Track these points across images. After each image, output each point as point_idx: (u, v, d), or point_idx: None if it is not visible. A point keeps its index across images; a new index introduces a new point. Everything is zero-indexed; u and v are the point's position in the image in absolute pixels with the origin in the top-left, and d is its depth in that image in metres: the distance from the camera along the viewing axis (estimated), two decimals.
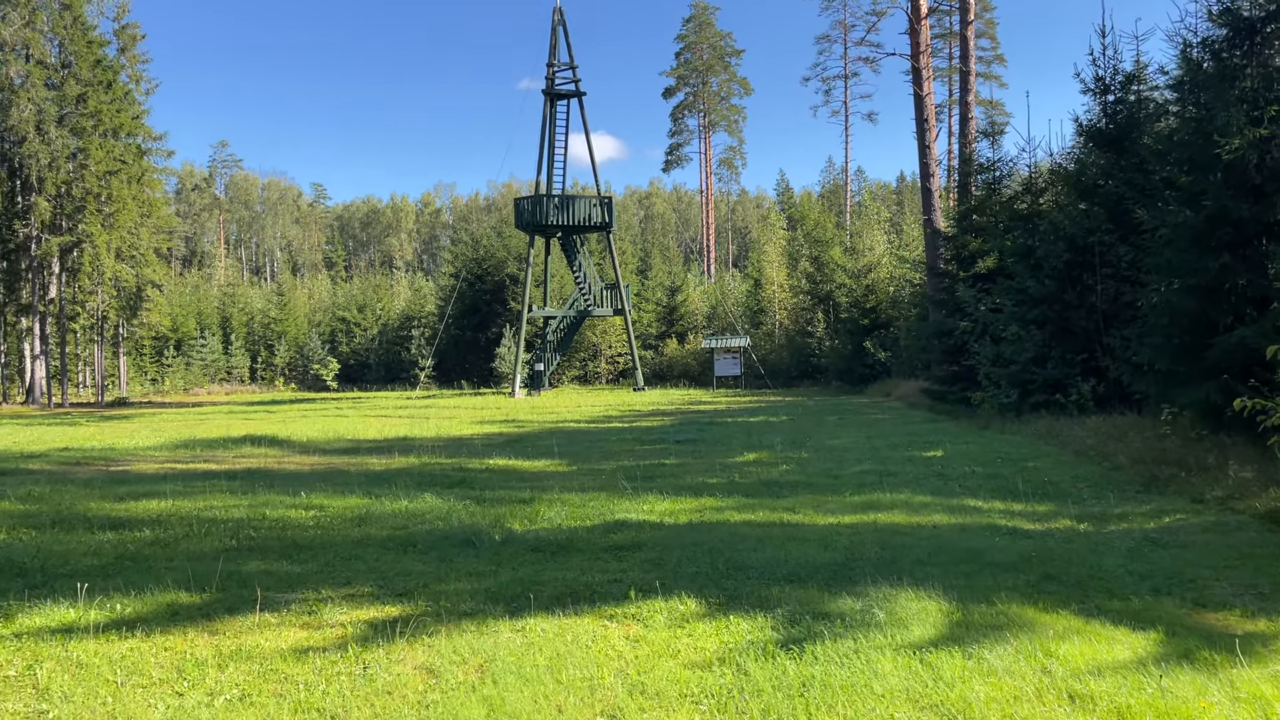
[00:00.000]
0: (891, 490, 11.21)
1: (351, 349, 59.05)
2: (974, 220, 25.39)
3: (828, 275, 45.55)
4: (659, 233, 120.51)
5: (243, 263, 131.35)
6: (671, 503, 10.66)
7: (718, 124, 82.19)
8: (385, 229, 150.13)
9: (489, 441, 19.89)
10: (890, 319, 37.66)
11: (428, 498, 10.83)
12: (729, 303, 54.43)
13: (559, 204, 42.51)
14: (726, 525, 9.05)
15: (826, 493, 11.30)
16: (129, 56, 51.13)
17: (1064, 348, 19.73)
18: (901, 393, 30.03)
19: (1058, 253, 19.79)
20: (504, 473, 14.14)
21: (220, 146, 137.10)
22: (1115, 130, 20.16)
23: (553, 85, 43.71)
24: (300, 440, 20.44)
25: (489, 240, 56.80)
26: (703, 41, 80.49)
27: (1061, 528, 8.84)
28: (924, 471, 13.05)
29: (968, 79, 28.85)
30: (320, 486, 12.38)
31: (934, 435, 18.38)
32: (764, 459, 15.13)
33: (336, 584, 7.03)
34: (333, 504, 10.73)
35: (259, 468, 15.38)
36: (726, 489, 11.80)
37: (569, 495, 11.34)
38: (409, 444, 19.26)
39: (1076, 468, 13.08)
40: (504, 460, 15.73)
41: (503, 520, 9.48)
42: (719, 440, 18.46)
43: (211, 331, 59.40)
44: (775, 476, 12.95)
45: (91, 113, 42.09)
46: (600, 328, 52.60)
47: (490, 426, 23.98)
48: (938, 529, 8.68)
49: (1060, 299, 19.85)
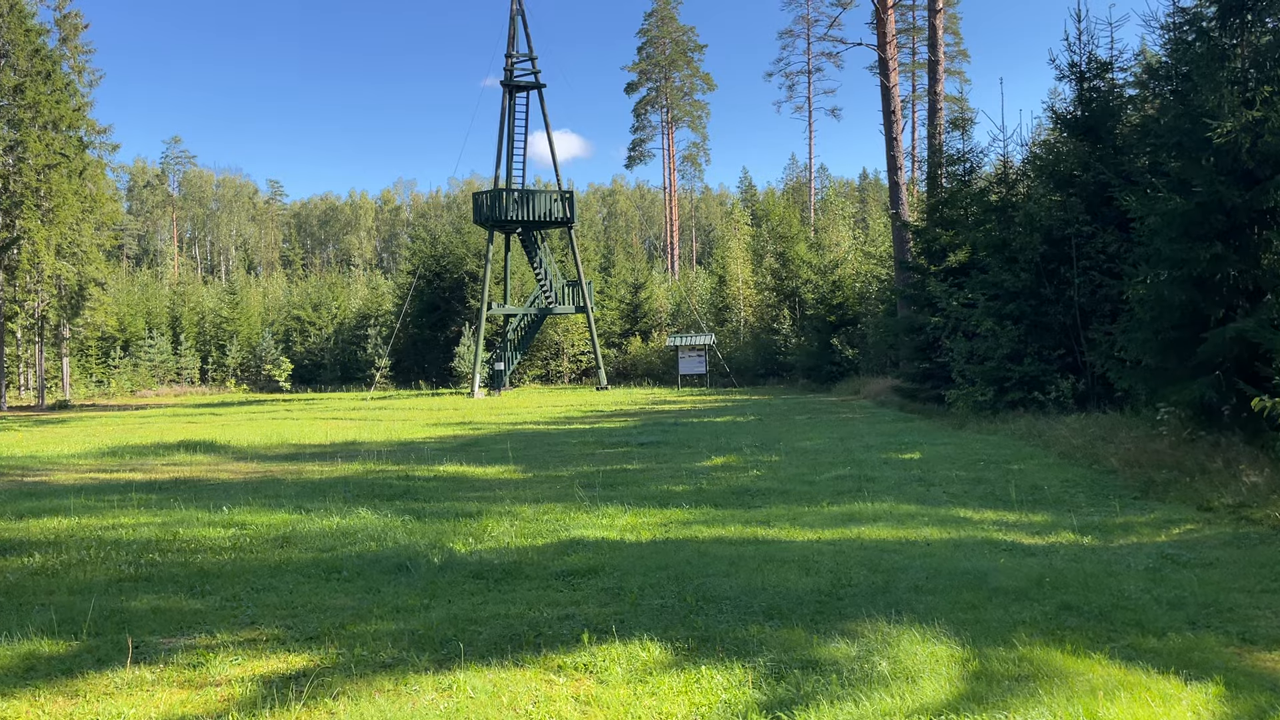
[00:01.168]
0: (872, 499, 10.31)
1: (306, 349, 57.41)
2: (944, 213, 24.65)
3: (793, 271, 44.81)
4: (623, 230, 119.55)
5: (197, 261, 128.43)
6: (634, 515, 9.69)
7: (681, 120, 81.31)
8: (344, 226, 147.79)
9: (441, 446, 18.82)
10: (858, 315, 36.96)
11: (363, 513, 9.75)
12: (694, 300, 53.55)
13: (519, 198, 41.37)
14: (694, 543, 8.09)
15: (802, 502, 10.38)
16: (71, 47, 49.28)
17: (1041, 343, 19.02)
18: (871, 391, 29.30)
19: (1033, 245, 19.06)
20: (453, 481, 13.09)
21: (173, 143, 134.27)
22: (1091, 117, 19.47)
23: (511, 77, 42.56)
24: (239, 446, 19.23)
25: (448, 237, 55.44)
26: (665, 36, 79.55)
27: (1064, 542, 7.97)
28: (903, 476, 12.18)
29: (936, 69, 28.15)
30: (248, 499, 11.26)
31: (909, 435, 17.57)
32: (733, 463, 14.21)
33: (238, 624, 5.97)
34: (256, 521, 9.63)
35: (188, 478, 14.21)
36: (694, 498, 10.85)
37: (521, 508, 10.33)
38: (355, 449, 18.14)
39: (1065, 471, 12.28)
40: (454, 467, 14.68)
41: (444, 539, 8.45)
42: (685, 442, 17.52)
43: (160, 332, 57.48)
44: (746, 483, 12.03)
45: (29, 104, 40.28)
46: (562, 326, 51.50)
47: (444, 429, 22.87)
48: (930, 546, 7.78)
49: (1037, 293, 19.14)
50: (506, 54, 42.50)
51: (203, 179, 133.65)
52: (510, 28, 42.54)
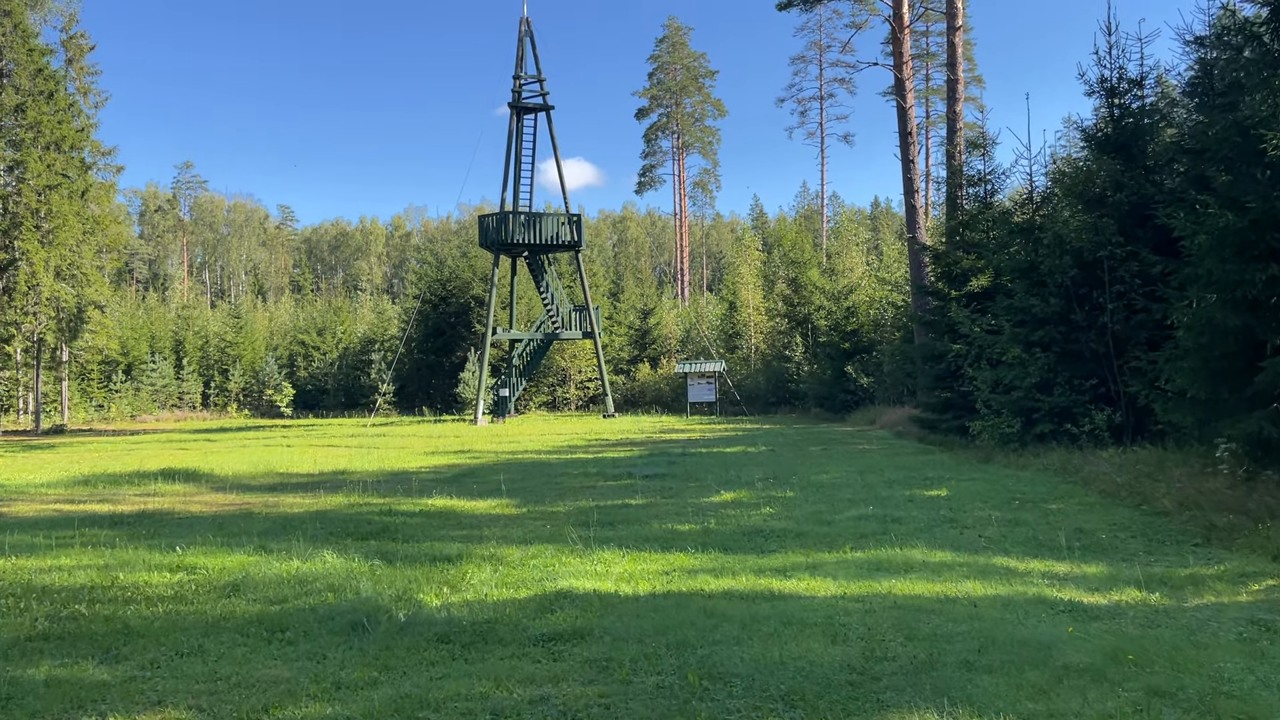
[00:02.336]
0: (901, 543, 9.21)
1: (310, 374, 56.51)
2: (965, 236, 23.64)
3: (805, 297, 43.77)
4: (633, 256, 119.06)
5: (207, 286, 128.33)
6: (632, 561, 8.61)
7: (691, 146, 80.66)
8: (355, 252, 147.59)
9: (436, 476, 17.77)
10: (873, 343, 35.85)
11: (327, 556, 8.69)
12: (703, 326, 52.53)
13: (525, 221, 40.53)
14: (700, 598, 7.01)
15: (821, 546, 9.28)
16: (77, 68, 48.96)
17: (1072, 372, 17.88)
18: (887, 420, 28.14)
19: (1063, 268, 17.97)
20: (439, 517, 12.03)
21: (185, 168, 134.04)
22: (1124, 134, 18.46)
23: (519, 99, 41.85)
24: (222, 475, 18.21)
25: (454, 260, 54.63)
26: (676, 62, 79.07)
27: (1130, 601, 6.86)
28: (932, 516, 11.06)
29: (955, 88, 27.23)
30: (210, 537, 10.23)
31: (932, 470, 16.43)
32: (744, 499, 13.12)
33: (141, 704, 4.91)
34: (208, 564, 8.59)
35: (156, 510, 13.19)
36: (700, 539, 9.76)
37: (507, 550, 9.27)
38: (343, 479, 17.11)
39: (1111, 512, 11.14)
40: (443, 500, 13.62)
41: (413, 589, 7.39)
42: (692, 475, 16.43)
43: (164, 356, 56.70)
44: (758, 522, 10.93)
45: (30, 124, 39.71)
46: (570, 351, 50.52)
47: (441, 458, 21.82)
48: (976, 605, 6.67)
49: (1067, 319, 18.03)
50: (514, 75, 41.82)
51: (214, 204, 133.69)
52: (518, 49, 41.92)
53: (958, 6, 26.92)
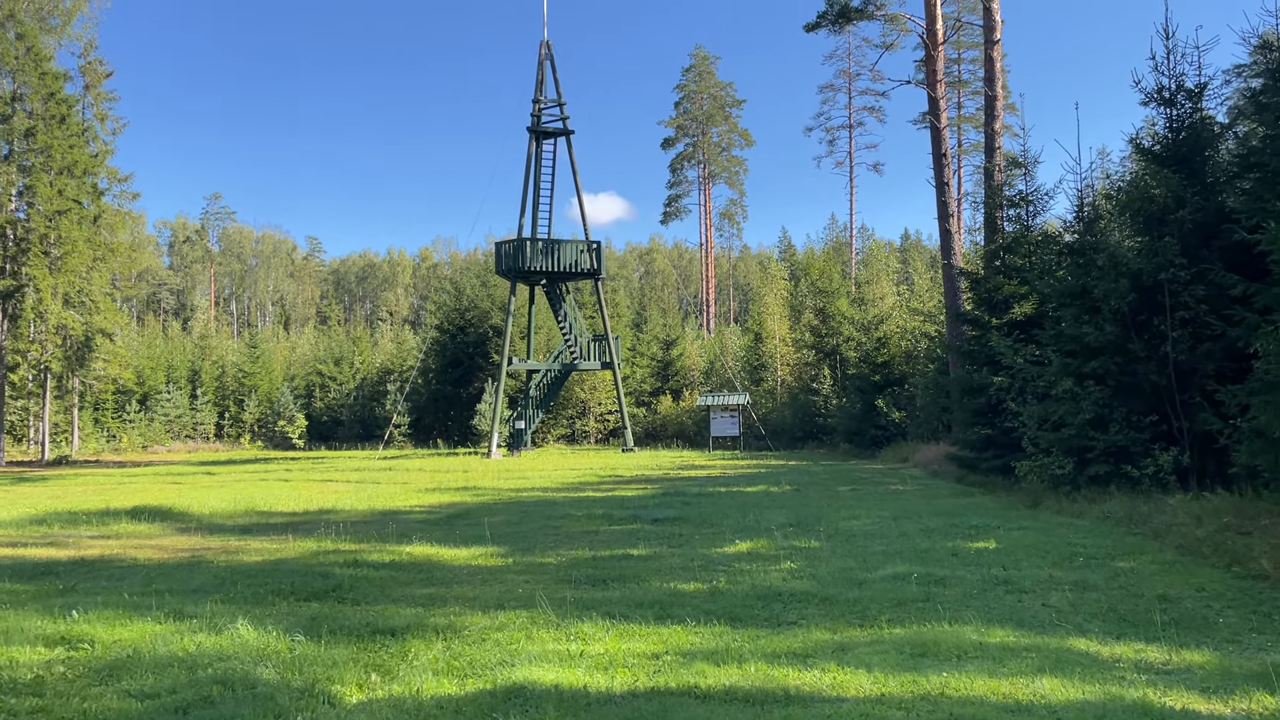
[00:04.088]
0: (949, 615, 7.54)
1: (326, 404, 55.32)
2: (1006, 260, 21.96)
3: (834, 328, 42.05)
4: (659, 288, 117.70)
5: (234, 316, 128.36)
6: (616, 637, 7.00)
7: (718, 175, 79.43)
8: (381, 283, 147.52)
9: (427, 517, 16.25)
10: (905, 375, 34.04)
11: (241, 629, 7.11)
12: (728, 357, 50.87)
13: (544, 248, 39.21)
14: (692, 700, 5.40)
15: (852, 618, 7.63)
16: (95, 94, 48.41)
17: (1129, 407, 16.09)
18: (921, 458, 26.31)
19: (1119, 292, 16.24)
20: (409, 570, 10.46)
21: (213, 199, 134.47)
22: (1184, 146, 16.78)
23: (539, 123, 40.70)
24: (197, 514, 16.78)
25: (473, 289, 53.40)
26: (703, 91, 78.06)
27: (1262, 713, 5.17)
28: (983, 578, 9.36)
29: (994, 104, 25.63)
30: (127, 596, 8.74)
31: (975, 516, 14.67)
32: (761, 550, 11.46)
33: None
34: (102, 635, 7.08)
35: (99, 557, 11.74)
36: (705, 606, 8.13)
37: (470, 617, 7.69)
38: (325, 520, 15.62)
39: (1194, 575, 9.38)
40: (422, 548, 12.07)
41: (332, 680, 5.82)
42: (706, 519, 14.77)
43: (179, 385, 55.77)
44: (776, 582, 9.28)
45: (40, 149, 39.04)
46: (589, 383, 49.02)
47: (440, 496, 20.30)
48: (1058, 717, 5.00)
49: (1123, 348, 16.27)
50: (534, 99, 40.71)
51: (242, 235, 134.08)
52: (538, 73, 40.85)
53: (996, 19, 25.41)
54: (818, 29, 33.26)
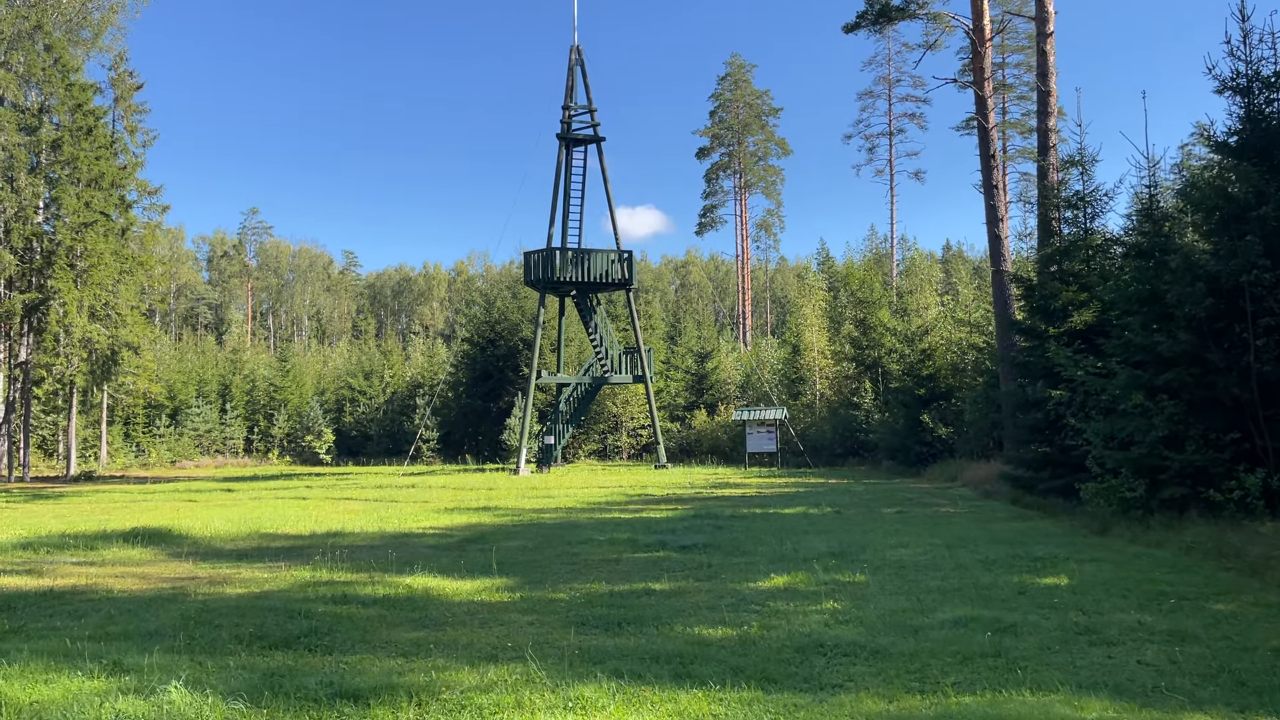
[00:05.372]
0: (1029, 678, 6.21)
1: (355, 419, 54.61)
2: (1064, 266, 20.49)
3: (875, 340, 40.52)
4: (694, 301, 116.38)
5: (271, 330, 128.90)
6: (623, 705, 5.78)
7: (754, 185, 78.11)
8: (417, 297, 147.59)
9: (439, 540, 15.12)
10: (951, 389, 32.46)
11: (174, 693, 5.93)
12: (764, 370, 49.45)
13: (574, 258, 38.16)
14: None
15: (909, 679, 6.33)
16: (125, 106, 48.26)
17: (1207, 424, 14.58)
18: (972, 477, 24.77)
19: (1195, 297, 14.74)
20: (401, 607, 9.29)
21: (251, 213, 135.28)
22: (1264, 138, 15.28)
23: (569, 130, 39.74)
24: (197, 536, 15.78)
25: (504, 302, 52.49)
26: (738, 100, 76.89)
27: None
28: (1060, 625, 7.99)
29: (1047, 101, 24.16)
30: (71, 642, 7.66)
31: (1039, 544, 13.23)
32: (800, 585, 10.16)
33: None
34: (18, 696, 5.97)
35: (74, 587, 10.72)
36: (732, 662, 6.86)
37: (455, 673, 6.49)
38: (330, 544, 14.53)
39: None
40: (424, 579, 10.91)
41: None
42: (739, 546, 13.48)
43: (209, 400, 55.37)
44: (816, 629, 7.99)
45: (67, 160, 38.69)
46: (621, 397, 47.82)
47: (457, 516, 19.17)
48: None
49: (1200, 359, 14.76)
50: (564, 106, 39.77)
51: (279, 249, 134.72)
52: (568, 79, 39.90)
53: (1049, 10, 23.97)
54: (857, 30, 31.92)
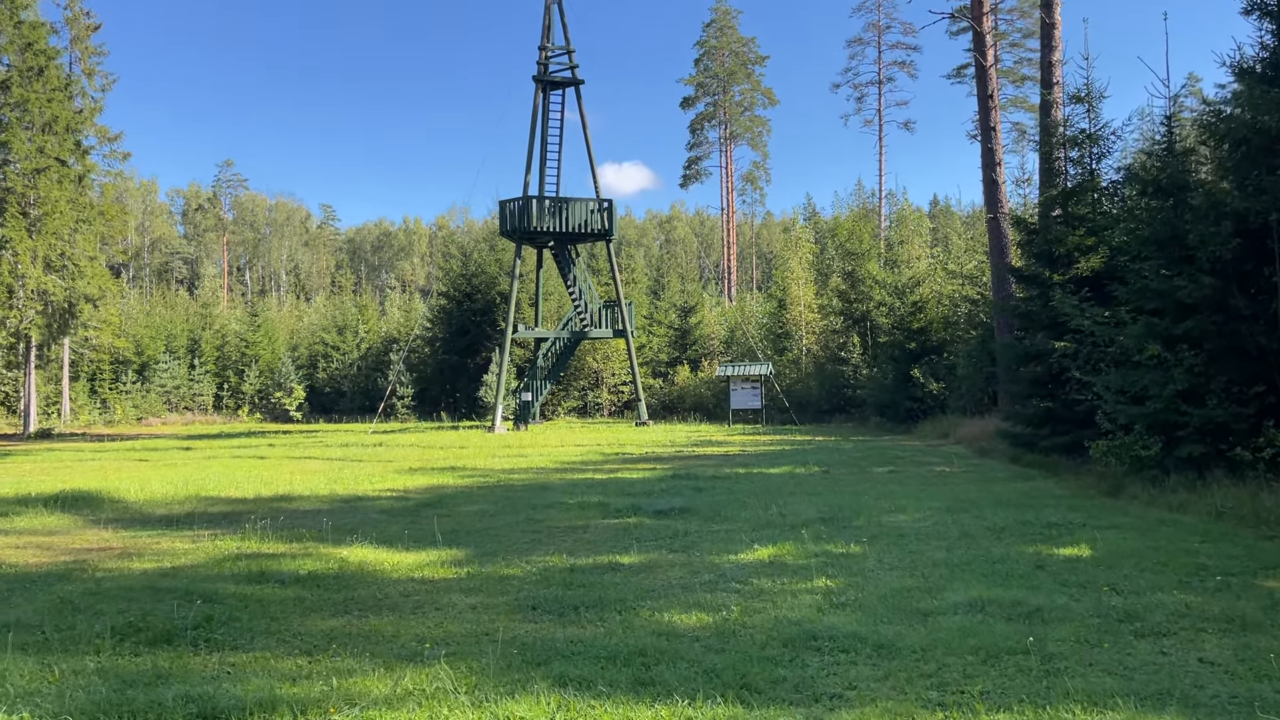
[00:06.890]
0: (1077, 685, 4.96)
1: (329, 375, 53.08)
2: (1070, 209, 19.16)
3: (864, 292, 39.23)
4: (679, 256, 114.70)
5: (248, 286, 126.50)
6: None
7: (740, 136, 76.24)
8: (397, 252, 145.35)
9: (393, 505, 13.83)
10: (943, 342, 31.25)
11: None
12: (749, 325, 48.12)
13: (551, 207, 36.54)
14: None
15: (924, 686, 5.08)
16: (81, 47, 45.96)
17: (1230, 376, 13.37)
18: (966, 434, 23.60)
19: (1220, 238, 13.45)
20: (329, 586, 8.00)
21: (225, 166, 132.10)
22: None
23: (546, 72, 37.92)
24: (130, 500, 14.44)
25: (480, 254, 50.82)
26: (724, 47, 74.75)
27: None
28: (1092, 609, 6.76)
29: (1051, 33, 22.64)
30: None
31: (1049, 508, 12.02)
32: (787, 559, 8.91)
33: None
34: None
35: None
36: (705, 663, 5.59)
37: (363, 682, 5.20)
38: (272, 509, 13.23)
39: None
40: (363, 550, 9.62)
41: None
42: (719, 511, 12.23)
43: (177, 355, 53.68)
44: (808, 613, 6.74)
45: (16, 103, 36.67)
46: (602, 352, 46.48)
47: (420, 478, 17.87)
48: None
49: (1224, 305, 13.51)
50: (540, 47, 37.91)
51: (255, 203, 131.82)
52: (545, 17, 37.99)
53: None
54: None
